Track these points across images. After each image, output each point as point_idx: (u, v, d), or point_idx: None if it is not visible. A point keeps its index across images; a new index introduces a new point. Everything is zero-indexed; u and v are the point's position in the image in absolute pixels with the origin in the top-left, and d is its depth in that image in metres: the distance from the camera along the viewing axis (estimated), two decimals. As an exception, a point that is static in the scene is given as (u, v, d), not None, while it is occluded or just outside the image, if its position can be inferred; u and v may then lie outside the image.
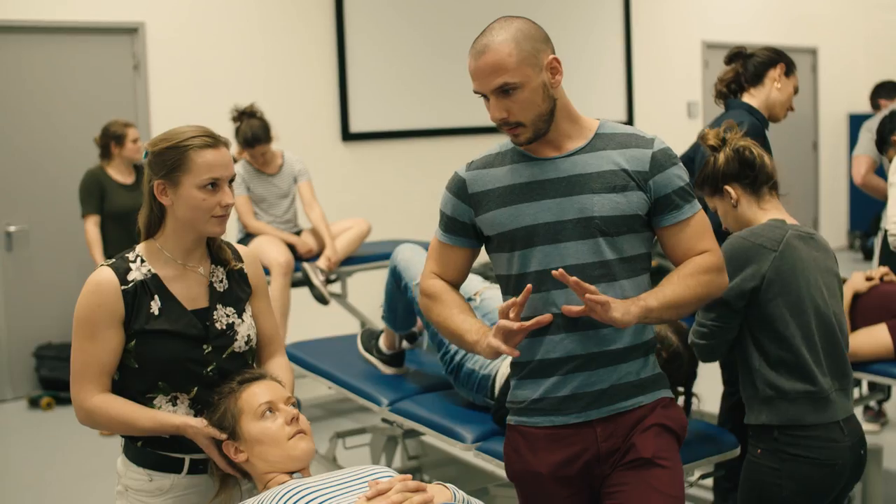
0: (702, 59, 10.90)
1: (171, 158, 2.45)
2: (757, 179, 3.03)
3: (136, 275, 2.50)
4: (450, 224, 2.66)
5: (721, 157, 3.04)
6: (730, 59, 4.03)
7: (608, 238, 2.45)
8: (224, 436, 2.44)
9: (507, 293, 2.57)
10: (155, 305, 2.50)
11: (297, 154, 6.36)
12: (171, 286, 2.54)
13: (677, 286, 2.44)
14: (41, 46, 6.97)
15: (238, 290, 2.65)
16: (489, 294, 3.78)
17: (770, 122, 3.95)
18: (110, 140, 6.19)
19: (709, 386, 3.72)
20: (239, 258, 2.69)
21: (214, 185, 2.47)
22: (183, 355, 2.50)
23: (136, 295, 2.48)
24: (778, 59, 3.95)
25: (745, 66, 3.97)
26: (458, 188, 2.62)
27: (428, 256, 2.74)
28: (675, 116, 10.62)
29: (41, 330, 7.03)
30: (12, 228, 6.93)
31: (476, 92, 2.45)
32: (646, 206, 2.47)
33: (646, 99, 10.31)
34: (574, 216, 2.45)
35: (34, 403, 6.71)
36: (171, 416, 2.49)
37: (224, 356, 2.57)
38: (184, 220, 2.51)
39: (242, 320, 2.63)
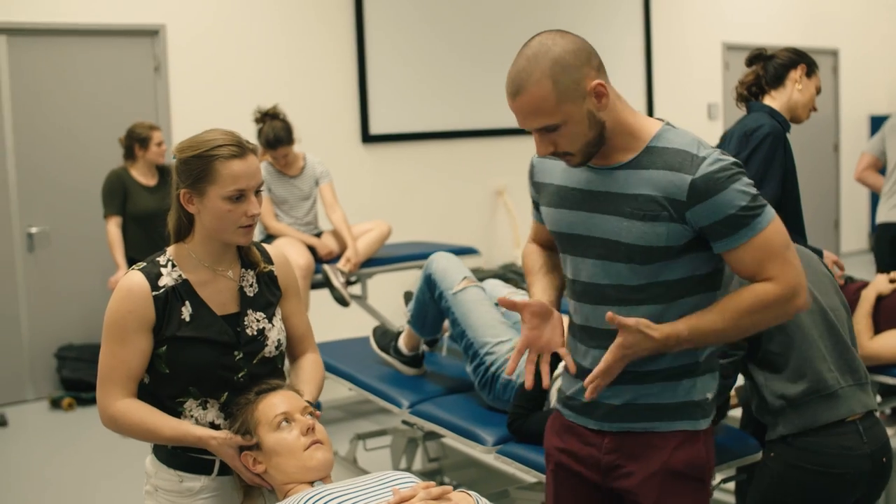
0: (722, 61, 10.87)
1: (196, 168, 2.41)
2: None
3: (167, 280, 2.49)
4: (533, 201, 2.64)
5: None
6: (750, 62, 4.01)
7: (636, 265, 2.31)
8: (254, 440, 2.43)
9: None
10: (186, 312, 2.48)
11: (318, 156, 6.37)
12: (202, 291, 2.52)
13: (723, 324, 2.28)
14: (62, 49, 7.00)
15: (268, 294, 2.63)
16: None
17: (793, 123, 3.92)
18: (134, 142, 6.21)
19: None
20: (269, 260, 2.67)
21: (241, 196, 2.43)
22: (214, 362, 2.49)
23: (168, 301, 2.47)
24: (798, 59, 3.93)
25: (765, 69, 3.95)
26: (530, 171, 2.59)
27: None
28: (696, 118, 10.59)
29: (62, 331, 7.06)
30: (34, 230, 6.96)
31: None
32: (684, 236, 2.27)
33: (666, 101, 10.28)
34: (601, 235, 2.34)
35: (56, 404, 6.73)
36: (194, 427, 2.48)
37: (254, 362, 2.56)
38: (210, 229, 2.48)
39: (272, 325, 2.61)
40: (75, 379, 6.75)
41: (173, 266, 2.52)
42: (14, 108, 6.85)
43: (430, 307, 3.98)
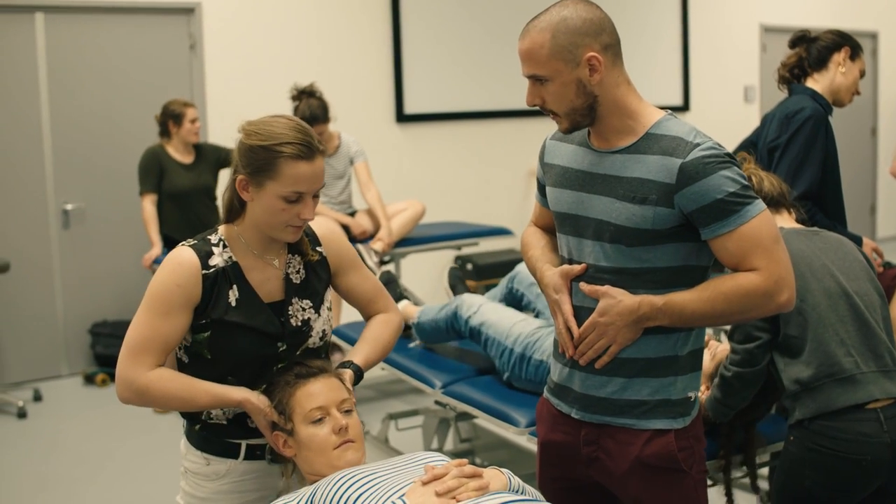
0: (759, 43, 10.77)
1: (260, 159, 2.34)
2: None
3: (217, 260, 2.43)
4: (538, 184, 2.68)
5: None
6: (793, 44, 3.97)
7: (624, 247, 2.34)
8: (288, 425, 2.40)
9: None
10: (233, 295, 2.43)
11: (352, 135, 6.36)
12: (250, 277, 2.47)
13: (702, 306, 2.30)
14: (98, 26, 7.02)
15: (315, 281, 2.57)
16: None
17: (835, 106, 3.89)
18: (169, 119, 6.23)
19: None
20: (315, 240, 2.60)
21: (298, 198, 2.37)
22: (258, 352, 2.45)
23: (216, 282, 2.41)
24: (842, 42, 3.89)
25: (808, 51, 3.92)
26: (541, 153, 2.63)
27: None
28: (732, 101, 10.51)
29: (97, 307, 7.11)
30: (69, 206, 7.00)
31: None
32: (671, 220, 2.29)
33: (703, 83, 10.20)
34: (595, 216, 2.38)
35: (89, 380, 6.79)
36: (230, 389, 2.42)
37: (298, 353, 2.52)
38: (259, 221, 2.42)
39: (319, 314, 2.56)
40: (109, 355, 6.79)
41: (224, 246, 2.46)
42: (50, 84, 6.88)
43: (443, 335, 4.17)
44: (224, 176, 6.43)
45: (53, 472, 5.18)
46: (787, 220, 3.14)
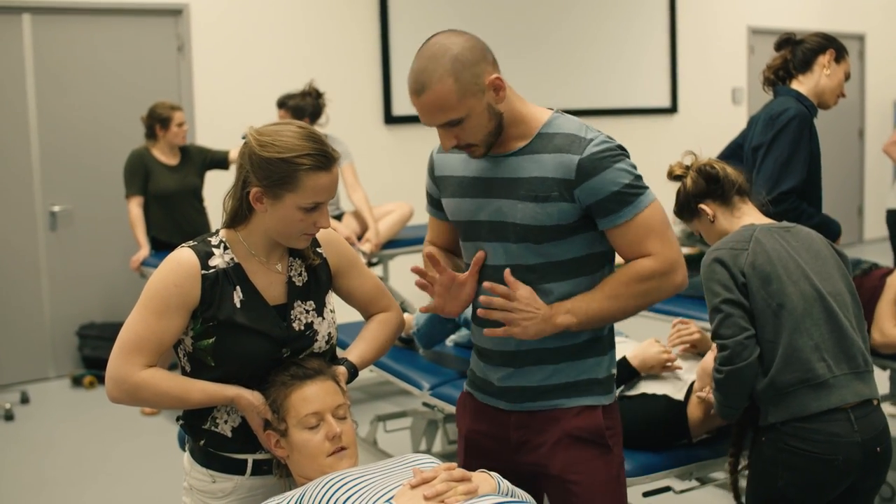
0: (747, 45, 10.80)
1: (279, 172, 2.29)
2: (724, 191, 3.11)
3: (218, 261, 2.39)
4: (429, 198, 2.74)
5: (688, 180, 3.15)
6: (779, 46, 3.99)
7: (532, 244, 2.42)
8: (282, 426, 2.37)
9: None
10: (237, 297, 2.39)
11: (340, 137, 6.35)
12: (254, 279, 2.43)
13: (605, 301, 2.40)
14: (86, 27, 7.01)
15: (317, 284, 2.54)
16: None
17: (820, 108, 3.90)
18: (155, 122, 6.20)
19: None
20: (316, 244, 2.57)
21: (316, 207, 2.34)
22: (263, 356, 2.40)
23: (217, 283, 2.37)
24: (827, 44, 3.90)
25: (793, 53, 3.93)
26: (430, 167, 2.70)
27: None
28: (720, 102, 10.53)
29: (84, 309, 7.11)
30: (56, 208, 6.99)
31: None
32: (574, 214, 2.38)
33: (690, 85, 10.22)
34: (499, 219, 2.45)
35: (77, 382, 6.78)
36: (223, 386, 2.38)
37: (301, 358, 2.47)
38: (271, 230, 2.39)
39: (323, 318, 2.52)
40: (96, 357, 6.78)
41: (226, 248, 2.43)
42: (37, 86, 6.87)
43: (438, 328, 4.14)
44: (210, 177, 6.43)
45: (41, 475, 5.17)
46: (753, 211, 3.12)
